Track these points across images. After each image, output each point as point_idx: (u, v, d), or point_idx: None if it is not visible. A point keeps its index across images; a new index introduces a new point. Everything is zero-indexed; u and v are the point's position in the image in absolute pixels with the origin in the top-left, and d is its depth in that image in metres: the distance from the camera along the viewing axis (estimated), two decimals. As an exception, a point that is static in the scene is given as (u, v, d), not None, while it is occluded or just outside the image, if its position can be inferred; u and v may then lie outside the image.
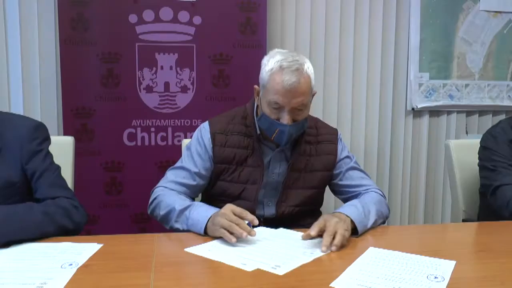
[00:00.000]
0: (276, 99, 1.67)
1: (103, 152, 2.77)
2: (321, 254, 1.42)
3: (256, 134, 1.84)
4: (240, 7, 2.84)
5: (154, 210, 1.81)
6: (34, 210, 1.56)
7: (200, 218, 1.60)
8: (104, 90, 2.74)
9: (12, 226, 1.47)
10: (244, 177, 1.84)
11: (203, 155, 1.85)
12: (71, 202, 1.65)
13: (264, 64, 1.73)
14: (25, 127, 1.69)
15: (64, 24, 2.70)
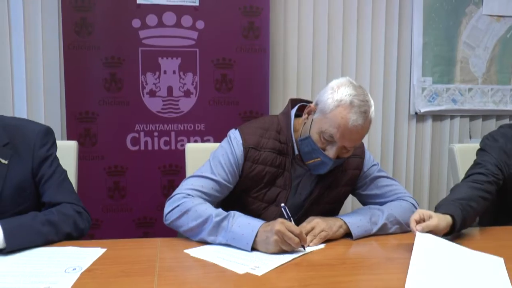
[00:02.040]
0: (334, 133, 1.58)
1: (106, 157, 2.77)
2: (295, 254, 1.46)
3: (293, 154, 1.75)
4: (243, 12, 2.84)
5: (177, 220, 1.61)
6: (39, 220, 1.56)
7: (244, 232, 1.49)
8: (107, 95, 2.74)
9: (18, 239, 1.49)
10: (269, 197, 1.76)
11: (233, 168, 1.73)
12: (75, 208, 1.65)
13: (332, 90, 1.61)
14: (35, 132, 1.71)
15: (67, 29, 2.70)
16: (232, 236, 1.50)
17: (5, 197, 1.62)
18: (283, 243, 1.45)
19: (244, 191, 1.78)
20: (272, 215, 1.73)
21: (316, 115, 1.64)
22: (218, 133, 2.79)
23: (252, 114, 2.88)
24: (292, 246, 1.46)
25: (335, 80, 1.66)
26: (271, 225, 1.48)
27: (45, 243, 1.54)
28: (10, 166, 1.64)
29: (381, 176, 1.87)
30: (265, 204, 1.77)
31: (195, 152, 2.09)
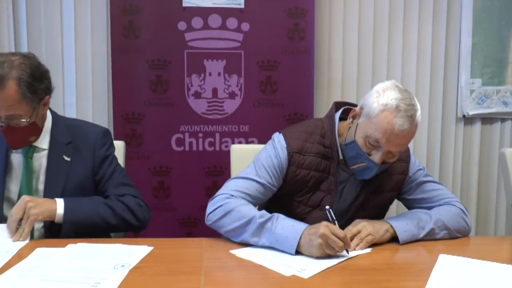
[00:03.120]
0: (379, 138, 1.56)
1: (151, 157, 2.82)
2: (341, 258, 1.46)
3: (338, 158, 1.73)
4: (288, 13, 2.84)
5: (219, 220, 1.61)
6: (97, 201, 1.70)
7: (288, 235, 1.48)
8: (153, 96, 2.80)
9: (77, 214, 1.62)
10: (313, 202, 1.74)
11: (277, 172, 1.71)
12: (136, 201, 1.76)
13: (377, 93, 1.59)
14: (95, 134, 1.83)
15: (116, 32, 2.77)
16: (276, 238, 1.49)
17: (67, 192, 1.73)
18: (327, 246, 1.44)
19: (288, 195, 1.77)
20: (316, 219, 1.70)
21: (361, 119, 1.62)
22: (262, 135, 2.79)
23: (297, 116, 2.87)
24: (336, 250, 1.45)
25: (381, 84, 1.63)
26: (315, 228, 1.47)
27: (103, 223, 1.65)
28: (72, 163, 1.77)
29: (428, 180, 1.83)
30: (309, 208, 1.75)
31: (240, 153, 2.10)
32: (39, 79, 1.65)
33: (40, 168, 1.76)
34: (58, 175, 1.75)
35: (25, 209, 1.55)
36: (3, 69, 1.56)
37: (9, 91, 1.57)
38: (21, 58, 1.63)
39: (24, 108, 1.62)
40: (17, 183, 1.74)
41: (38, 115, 1.70)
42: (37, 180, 1.75)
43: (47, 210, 1.59)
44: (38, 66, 1.67)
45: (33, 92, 1.62)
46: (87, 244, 1.54)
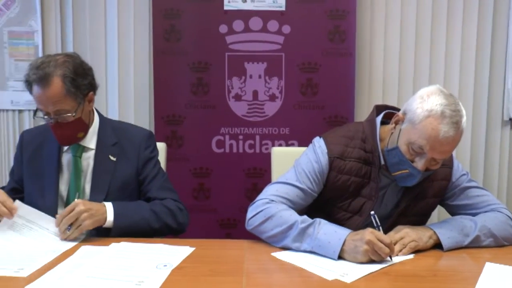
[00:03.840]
0: (423, 145, 1.51)
1: (191, 158, 2.85)
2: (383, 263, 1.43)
3: (379, 164, 1.69)
4: (329, 15, 2.82)
5: (260, 225, 1.61)
6: (143, 207, 1.75)
7: (331, 240, 1.47)
8: (194, 98, 2.83)
9: (125, 220, 1.67)
10: (354, 207, 1.72)
11: (318, 177, 1.70)
12: (177, 205, 1.80)
13: (421, 98, 1.55)
14: (140, 136, 1.89)
15: (158, 35, 2.82)
16: (318, 243, 1.49)
17: (112, 190, 1.80)
18: (373, 253, 1.42)
19: (328, 201, 1.75)
20: (356, 225, 1.69)
21: (405, 125, 1.58)
22: (303, 137, 2.78)
23: (337, 119, 2.85)
24: (382, 256, 1.43)
25: (425, 88, 1.59)
26: (360, 234, 1.45)
27: (148, 228, 1.70)
28: (118, 163, 1.83)
29: (472, 186, 1.78)
30: (349, 214, 1.73)
31: (280, 155, 2.10)
32: (82, 75, 1.72)
33: (88, 167, 1.82)
34: (104, 175, 1.81)
35: (78, 217, 1.59)
36: (49, 68, 1.65)
37: (55, 88, 1.65)
38: (64, 57, 1.72)
39: (70, 103, 1.69)
40: (66, 182, 1.81)
41: (84, 111, 1.76)
42: (85, 179, 1.82)
43: (98, 220, 1.63)
44: (81, 64, 1.75)
45: (76, 87, 1.69)
46: (130, 244, 1.57)
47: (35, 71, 1.65)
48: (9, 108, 3.10)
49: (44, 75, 1.64)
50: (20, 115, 3.12)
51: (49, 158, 1.82)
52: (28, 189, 1.85)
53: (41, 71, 1.64)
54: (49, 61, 1.67)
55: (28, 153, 1.87)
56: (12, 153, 3.12)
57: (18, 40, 3.05)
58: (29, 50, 3.05)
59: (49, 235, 1.62)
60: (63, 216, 1.60)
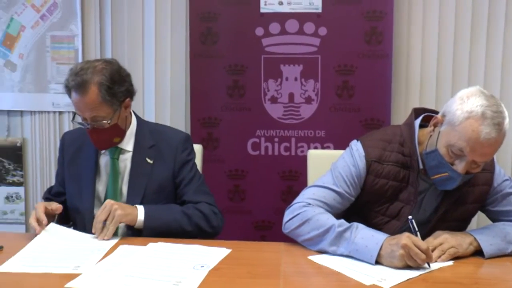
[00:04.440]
0: (463, 147, 1.48)
1: (227, 160, 2.86)
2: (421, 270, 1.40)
3: (418, 168, 1.66)
4: (366, 16, 2.79)
5: (297, 229, 1.60)
6: (175, 209, 1.77)
7: (368, 244, 1.46)
8: (230, 101, 2.84)
9: (156, 220, 1.70)
10: (391, 212, 1.69)
11: (355, 181, 1.68)
12: (211, 208, 1.81)
13: (461, 100, 1.51)
14: (177, 138, 1.91)
15: (194, 38, 2.85)
16: (355, 247, 1.47)
17: (149, 193, 1.82)
18: (409, 258, 1.40)
19: (365, 205, 1.73)
20: (393, 229, 1.66)
21: (444, 127, 1.55)
22: (339, 140, 2.76)
23: (373, 122, 2.81)
24: (418, 262, 1.40)
25: (464, 90, 1.55)
26: (397, 239, 1.43)
27: (180, 230, 1.71)
28: (155, 166, 1.85)
29: None
30: (387, 219, 1.70)
31: (317, 158, 2.09)
32: (118, 83, 1.74)
33: (125, 169, 1.84)
34: (141, 177, 1.83)
35: (111, 210, 1.63)
36: (86, 75, 1.68)
37: (91, 95, 1.68)
38: (103, 63, 1.74)
39: (106, 110, 1.72)
40: (104, 183, 1.84)
41: (120, 117, 1.78)
42: (122, 181, 1.84)
43: (130, 214, 1.68)
44: (118, 71, 1.76)
45: (112, 95, 1.71)
46: (167, 244, 1.59)
47: (73, 78, 1.68)
48: (50, 110, 3.19)
49: (81, 82, 1.67)
50: (60, 116, 3.20)
51: (88, 160, 1.86)
52: (69, 190, 1.89)
53: (79, 78, 1.67)
54: (88, 67, 1.70)
55: (68, 155, 1.91)
56: (53, 153, 3.21)
57: (59, 44, 3.14)
58: (69, 53, 3.13)
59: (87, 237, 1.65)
60: (97, 216, 1.64)
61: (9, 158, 3.24)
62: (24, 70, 3.17)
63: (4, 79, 3.20)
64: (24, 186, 3.27)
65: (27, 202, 3.29)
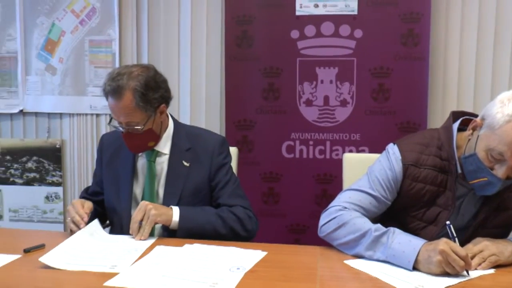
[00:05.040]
0: (503, 151, 1.44)
1: (261, 163, 2.87)
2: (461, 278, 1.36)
3: (456, 172, 1.62)
4: (402, 18, 2.75)
5: (333, 232, 1.59)
6: (210, 211, 1.79)
7: (405, 250, 1.44)
8: (265, 104, 2.85)
9: (191, 222, 1.72)
10: (428, 217, 1.65)
11: (392, 185, 1.66)
12: (246, 212, 1.82)
13: (501, 103, 1.48)
14: (214, 141, 1.91)
15: (230, 41, 2.88)
16: (392, 253, 1.45)
17: (185, 195, 1.83)
18: (446, 264, 1.37)
19: (402, 209, 1.70)
20: (430, 235, 1.63)
21: (483, 130, 1.51)
22: (374, 144, 2.73)
23: (409, 125, 2.77)
24: (456, 269, 1.36)
25: (505, 93, 1.51)
26: (434, 244, 1.40)
27: (213, 232, 1.72)
28: (191, 168, 1.86)
29: None
30: (423, 224, 1.67)
31: (352, 162, 2.07)
32: (153, 89, 1.75)
33: (162, 172, 1.86)
34: (177, 179, 1.84)
35: (146, 211, 1.65)
36: (122, 81, 1.70)
37: (125, 101, 1.70)
38: (140, 69, 1.76)
39: (139, 116, 1.73)
40: (141, 185, 1.86)
41: (155, 122, 1.80)
42: (158, 184, 1.86)
43: (165, 214, 1.70)
44: (154, 77, 1.77)
45: (146, 101, 1.73)
46: (203, 245, 1.60)
47: (110, 82, 1.71)
48: (88, 112, 3.26)
49: (117, 88, 1.69)
50: (97, 119, 3.27)
51: (125, 161, 1.89)
52: (107, 191, 1.93)
53: (115, 83, 1.70)
54: (124, 73, 1.72)
55: (107, 156, 1.95)
56: (90, 154, 3.28)
57: (97, 48, 3.21)
58: (107, 57, 3.19)
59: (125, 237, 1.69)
60: (133, 217, 1.66)
61: (48, 159, 3.33)
62: (64, 73, 3.26)
63: (45, 83, 3.29)
64: (63, 186, 3.35)
65: (65, 202, 3.37)
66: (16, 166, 3.37)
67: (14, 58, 3.31)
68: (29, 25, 3.27)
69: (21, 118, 3.38)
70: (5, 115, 3.39)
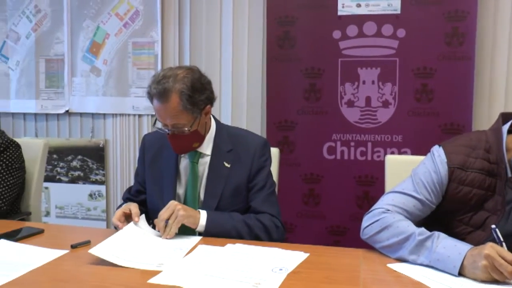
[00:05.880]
0: None
1: (302, 164, 2.87)
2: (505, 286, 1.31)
3: (506, 176, 1.57)
4: (447, 17, 2.70)
5: (376, 235, 1.57)
6: (237, 218, 1.78)
7: (451, 254, 1.40)
8: (306, 104, 2.85)
9: (217, 227, 1.72)
10: (475, 222, 1.60)
11: (436, 188, 1.61)
12: (273, 220, 1.81)
13: None
14: (255, 143, 1.91)
15: (271, 42, 2.89)
16: (437, 257, 1.41)
17: (225, 196, 1.84)
18: (493, 269, 1.32)
19: (447, 213, 1.65)
20: (477, 240, 1.57)
21: None
22: (416, 146, 2.69)
23: (453, 127, 2.71)
24: (504, 275, 1.32)
25: None
26: (479, 249, 1.36)
27: (238, 238, 1.71)
28: (232, 170, 1.86)
29: None
30: (470, 229, 1.62)
31: (395, 164, 2.03)
32: (199, 91, 1.76)
33: (203, 173, 1.88)
34: (218, 180, 1.85)
35: (174, 210, 1.67)
36: (168, 83, 1.71)
37: (172, 103, 1.71)
38: (185, 71, 1.76)
39: (186, 118, 1.74)
40: (183, 186, 1.88)
41: (200, 123, 1.81)
42: (200, 184, 1.87)
43: (192, 216, 1.70)
44: (199, 79, 1.78)
45: (193, 103, 1.74)
46: (244, 245, 1.61)
47: (155, 85, 1.72)
48: (130, 112, 3.33)
49: (163, 90, 1.70)
50: (140, 119, 3.34)
51: (168, 162, 1.90)
52: (149, 190, 1.95)
53: (161, 86, 1.70)
54: (170, 75, 1.72)
55: (149, 156, 1.97)
56: (132, 153, 3.34)
57: (140, 50, 3.27)
58: (149, 59, 3.26)
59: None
60: (160, 215, 1.68)
61: (92, 158, 3.42)
62: (108, 75, 3.34)
63: (90, 84, 3.38)
64: (106, 185, 3.43)
65: (108, 200, 3.45)
66: (62, 165, 3.48)
67: (61, 61, 3.42)
68: (76, 28, 3.37)
69: (67, 118, 3.49)
70: (52, 115, 3.51)
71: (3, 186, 2.18)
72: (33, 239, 1.69)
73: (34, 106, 3.52)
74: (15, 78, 3.55)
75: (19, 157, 2.29)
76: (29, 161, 2.40)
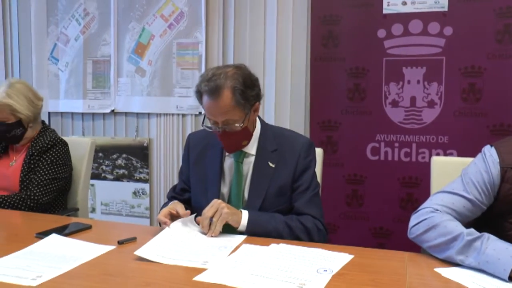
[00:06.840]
0: None
1: (346, 164, 2.85)
2: None
3: None
4: (498, 13, 2.62)
5: (423, 234, 1.54)
6: (278, 219, 1.77)
7: (501, 257, 1.35)
8: (350, 104, 2.83)
9: (258, 227, 1.73)
10: None
11: (488, 188, 1.58)
12: (315, 223, 1.81)
13: None
14: (301, 143, 1.90)
15: (315, 42, 2.88)
16: (486, 259, 1.37)
17: (269, 196, 1.84)
18: None
19: (499, 215, 1.60)
20: None
21: None
22: (463, 147, 2.63)
23: (503, 128, 2.63)
24: None
25: None
26: None
27: (278, 238, 1.70)
28: (276, 170, 1.86)
29: None
30: None
31: (441, 166, 1.99)
32: (250, 87, 1.77)
33: (248, 172, 1.88)
34: (262, 180, 1.85)
35: (218, 208, 1.68)
36: (220, 80, 1.72)
37: (225, 99, 1.72)
38: (234, 69, 1.78)
39: (238, 114, 1.75)
40: (227, 185, 1.90)
41: (250, 120, 1.82)
42: (244, 184, 1.88)
43: (236, 215, 1.71)
44: (249, 75, 1.80)
45: (245, 99, 1.75)
46: (288, 246, 1.60)
47: (206, 83, 1.73)
48: (174, 112, 3.38)
49: (215, 87, 1.71)
50: (183, 118, 3.38)
51: (213, 161, 1.92)
52: (194, 189, 1.98)
53: (212, 83, 1.71)
54: (220, 73, 1.74)
55: (194, 155, 1.99)
56: (176, 152, 3.40)
57: (184, 50, 3.32)
58: (193, 59, 3.30)
59: None
60: (204, 213, 1.69)
61: (136, 157, 3.49)
62: (152, 75, 3.40)
63: (135, 84, 3.45)
64: (149, 183, 3.49)
65: (152, 198, 3.51)
66: (107, 163, 3.57)
67: (107, 62, 3.51)
68: (122, 30, 3.45)
69: (113, 118, 3.57)
70: (98, 115, 3.60)
71: (44, 180, 2.28)
72: (81, 234, 1.75)
73: (81, 106, 3.62)
74: (64, 79, 3.67)
75: (65, 155, 2.37)
76: (77, 159, 2.47)
